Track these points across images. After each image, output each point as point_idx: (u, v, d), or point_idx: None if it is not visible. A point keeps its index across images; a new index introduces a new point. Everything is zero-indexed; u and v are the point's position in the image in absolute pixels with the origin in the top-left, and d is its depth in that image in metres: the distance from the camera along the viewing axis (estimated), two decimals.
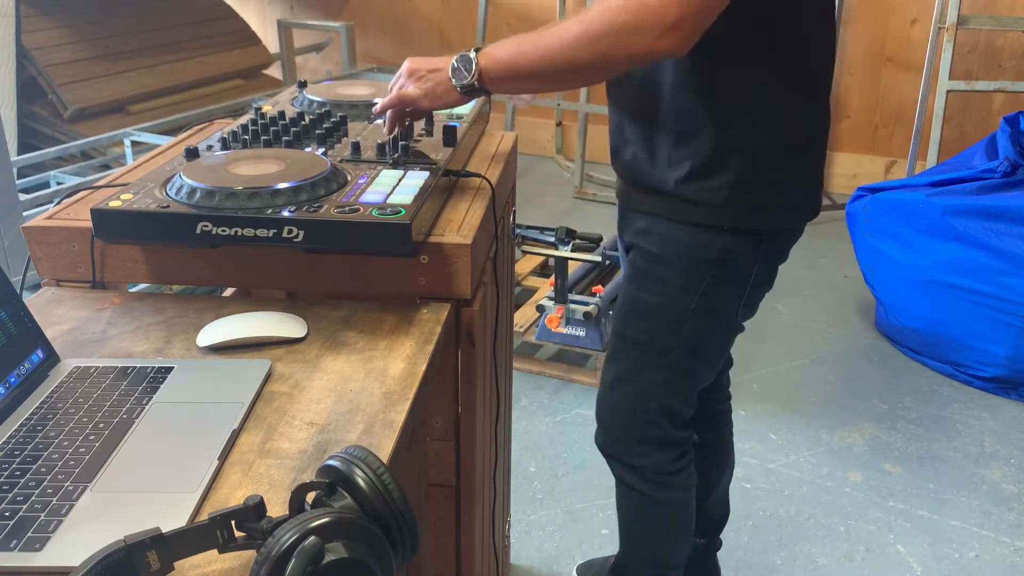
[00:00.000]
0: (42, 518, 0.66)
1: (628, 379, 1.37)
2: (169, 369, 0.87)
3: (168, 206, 0.98)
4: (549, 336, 2.53)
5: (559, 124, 4.43)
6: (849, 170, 3.96)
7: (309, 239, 0.96)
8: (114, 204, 0.98)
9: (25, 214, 2.85)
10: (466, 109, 1.36)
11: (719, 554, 1.77)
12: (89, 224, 0.99)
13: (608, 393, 1.41)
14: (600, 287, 2.61)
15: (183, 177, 1.01)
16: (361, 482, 0.62)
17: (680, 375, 1.36)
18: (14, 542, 0.64)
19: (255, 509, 0.62)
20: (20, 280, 1.09)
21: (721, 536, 1.71)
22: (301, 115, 1.27)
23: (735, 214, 1.23)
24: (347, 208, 0.97)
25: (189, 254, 1.04)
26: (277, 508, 0.68)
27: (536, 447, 2.25)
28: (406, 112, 1.17)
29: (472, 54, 1.11)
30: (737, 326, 1.37)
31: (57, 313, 1.00)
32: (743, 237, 1.25)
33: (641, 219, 1.32)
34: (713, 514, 1.66)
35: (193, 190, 0.99)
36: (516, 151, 1.43)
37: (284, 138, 1.19)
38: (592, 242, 2.61)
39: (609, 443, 1.43)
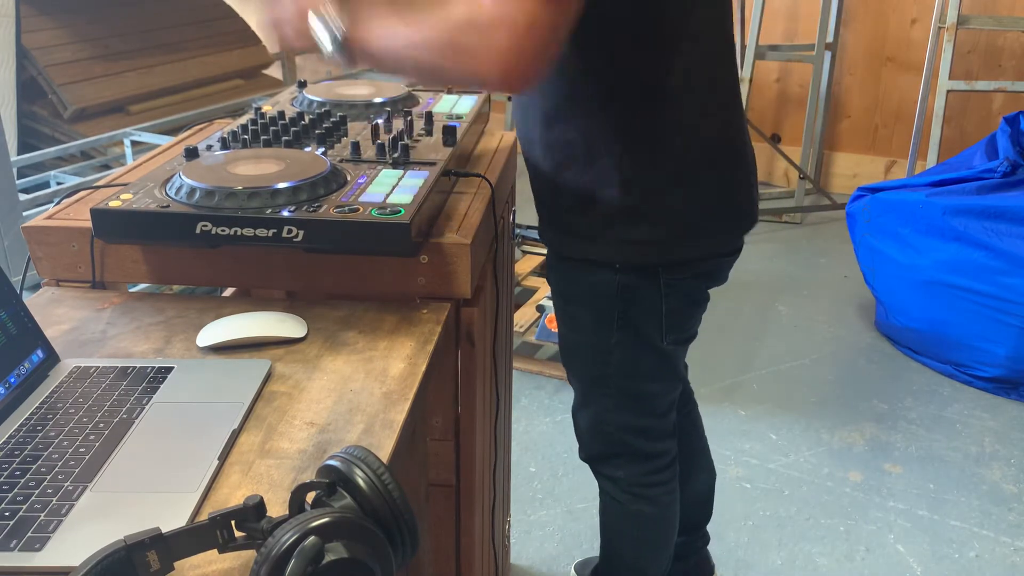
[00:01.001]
0: (42, 518, 0.66)
1: (584, 405, 1.38)
2: (169, 369, 0.87)
3: (168, 206, 0.98)
4: (549, 336, 2.53)
5: None
6: (849, 170, 3.96)
7: (309, 239, 0.96)
8: (114, 204, 0.98)
9: (25, 214, 2.85)
10: (466, 109, 1.36)
11: (718, 554, 1.77)
12: (89, 224, 0.99)
13: (574, 416, 1.42)
14: None
15: (183, 177, 1.01)
16: (361, 482, 0.62)
17: (627, 397, 1.33)
18: (14, 542, 0.64)
19: (255, 509, 0.62)
20: (20, 280, 1.09)
21: (708, 531, 1.70)
22: (301, 115, 1.27)
23: (620, 248, 1.18)
24: (347, 208, 0.97)
25: (189, 254, 1.04)
26: (277, 508, 0.68)
27: (536, 447, 2.25)
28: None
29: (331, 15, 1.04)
30: (670, 347, 1.30)
31: (57, 313, 1.00)
32: (636, 273, 1.20)
33: (552, 258, 1.30)
34: (691, 515, 1.65)
35: (193, 190, 0.99)
36: (516, 151, 1.43)
37: (284, 138, 1.19)
38: None
39: (586, 458, 1.44)
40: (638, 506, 1.42)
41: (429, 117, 1.26)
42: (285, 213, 0.96)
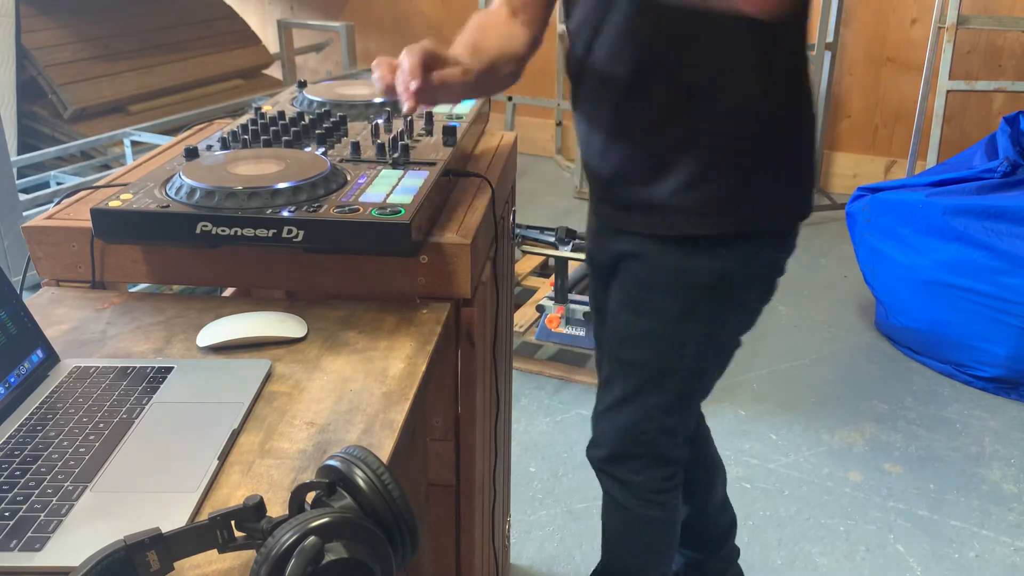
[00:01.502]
0: (42, 518, 0.66)
1: (628, 401, 1.33)
2: (169, 369, 0.87)
3: (168, 206, 0.98)
4: (549, 336, 2.53)
5: (559, 124, 4.42)
6: (849, 170, 3.96)
7: (309, 239, 0.96)
8: (114, 204, 0.98)
9: (25, 214, 2.85)
10: (466, 109, 1.36)
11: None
12: (89, 224, 0.99)
13: (606, 413, 1.37)
14: None
15: (183, 177, 1.01)
16: (361, 482, 0.62)
17: (680, 397, 1.32)
18: (14, 542, 0.64)
19: (255, 509, 0.62)
20: (20, 280, 1.09)
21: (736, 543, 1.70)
22: (301, 115, 1.27)
23: (732, 222, 1.18)
24: (347, 208, 0.97)
25: (189, 254, 1.04)
26: (277, 508, 0.68)
27: (536, 447, 2.25)
28: None
29: None
30: (737, 344, 1.33)
31: (57, 313, 1.00)
32: (738, 254, 1.20)
33: (625, 240, 1.26)
34: (720, 521, 1.64)
35: (193, 190, 0.99)
36: (516, 151, 1.43)
37: (284, 138, 1.19)
38: None
39: (602, 459, 1.39)
40: (650, 511, 1.40)
41: (429, 117, 1.26)
42: (285, 213, 0.96)
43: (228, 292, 1.33)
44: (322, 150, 1.16)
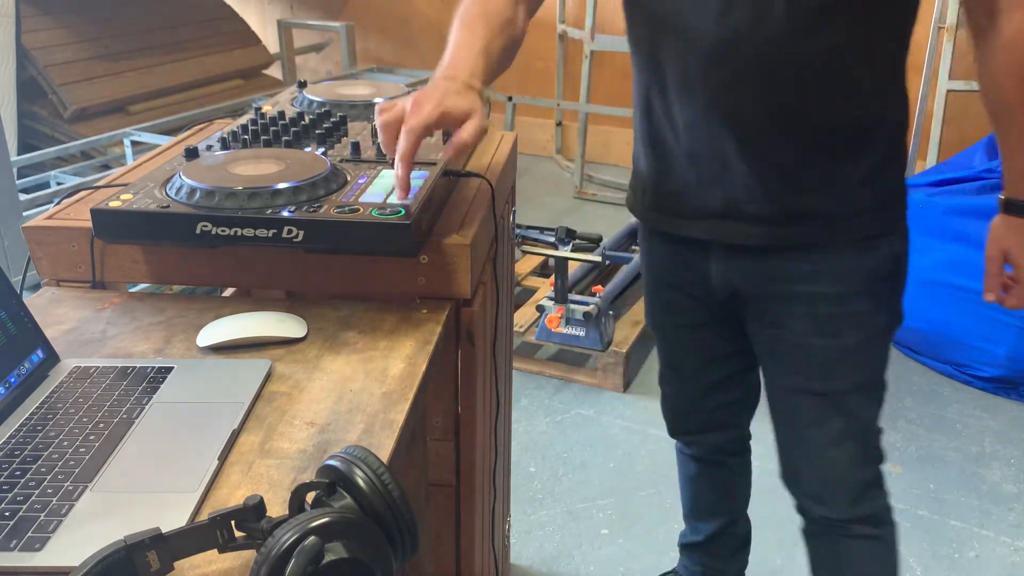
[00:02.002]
0: (42, 518, 0.66)
1: (851, 430, 1.21)
2: (169, 369, 0.87)
3: (168, 206, 0.98)
4: (549, 336, 2.53)
5: (559, 124, 4.43)
6: None
7: (309, 239, 0.96)
8: (114, 204, 0.98)
9: (25, 214, 2.85)
10: None
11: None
12: (89, 224, 0.99)
13: (823, 456, 1.23)
14: (600, 287, 2.61)
15: (183, 177, 1.01)
16: (361, 482, 0.62)
17: (883, 397, 1.23)
18: (14, 542, 0.64)
19: (255, 509, 0.62)
20: (20, 280, 1.09)
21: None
22: (301, 115, 1.27)
23: (901, 209, 1.15)
24: (347, 208, 0.97)
25: (189, 254, 1.04)
26: (277, 508, 0.68)
27: (536, 447, 2.25)
28: None
29: None
30: None
31: (57, 313, 1.00)
32: (900, 234, 1.16)
33: (796, 261, 1.13)
34: (744, 529, 1.64)
35: (193, 190, 0.99)
36: (516, 151, 1.43)
37: (284, 138, 1.19)
38: (592, 242, 2.61)
39: (840, 508, 1.26)
40: (892, 529, 1.32)
41: None
42: (285, 213, 0.96)
43: (228, 292, 1.33)
44: (322, 150, 1.16)
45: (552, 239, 2.60)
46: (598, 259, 2.55)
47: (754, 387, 1.43)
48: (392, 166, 1.11)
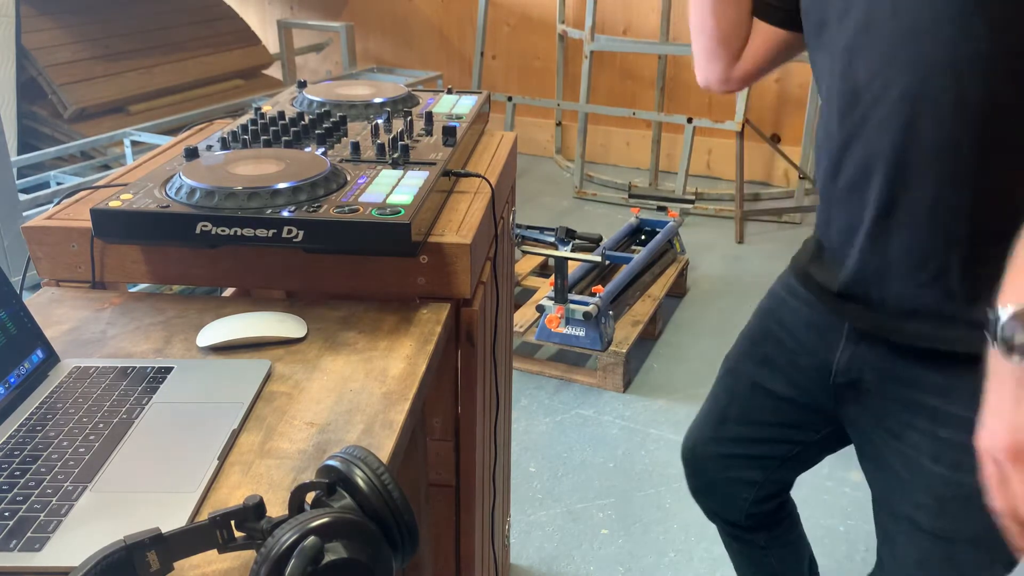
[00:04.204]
0: (42, 518, 0.66)
1: None
2: (169, 369, 0.87)
3: (168, 206, 0.98)
4: (549, 336, 2.53)
5: (559, 124, 4.43)
6: None
7: (309, 239, 0.96)
8: (114, 204, 0.98)
9: (25, 214, 2.85)
10: (466, 109, 1.36)
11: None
12: (89, 224, 0.99)
13: None
14: (600, 287, 2.61)
15: (183, 177, 1.01)
16: (361, 482, 0.62)
17: (1013, 568, 1.01)
18: (14, 542, 0.64)
19: (255, 509, 0.62)
20: (20, 280, 1.09)
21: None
22: (301, 115, 1.27)
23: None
24: (347, 208, 0.97)
25: (189, 254, 1.04)
26: (277, 508, 0.68)
27: (536, 447, 2.25)
28: None
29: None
30: None
31: (57, 313, 1.00)
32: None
33: (926, 372, 0.99)
34: None
35: (193, 190, 0.99)
36: (516, 151, 1.43)
37: (284, 138, 1.19)
38: (592, 242, 2.61)
39: None
40: None
41: (429, 117, 1.26)
42: (285, 213, 0.96)
43: (228, 292, 1.33)
44: (322, 150, 1.16)
45: (552, 239, 2.60)
46: (598, 259, 2.55)
47: (777, 482, 1.30)
48: (393, 167, 1.11)
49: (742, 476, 1.29)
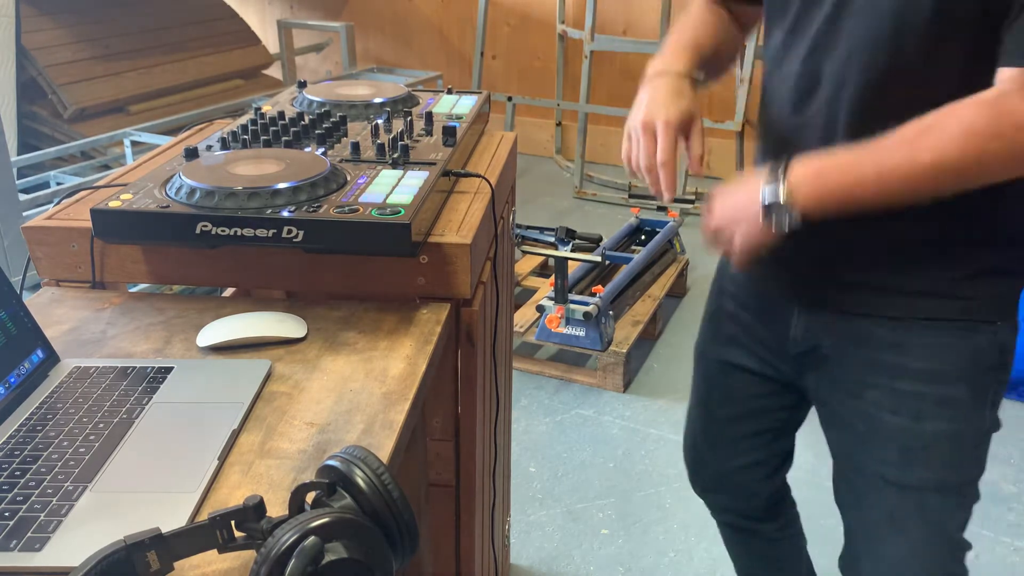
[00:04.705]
0: (42, 518, 0.66)
1: (931, 539, 1.06)
2: (169, 369, 0.87)
3: (168, 206, 0.98)
4: (549, 336, 2.53)
5: (559, 124, 4.43)
6: None
7: (309, 239, 0.96)
8: (114, 204, 0.98)
9: (25, 214, 2.85)
10: (466, 109, 1.36)
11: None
12: (89, 224, 0.99)
13: (897, 557, 1.07)
14: (600, 287, 2.61)
15: (183, 177, 1.01)
16: (361, 482, 0.62)
17: (972, 508, 1.08)
18: (14, 542, 0.64)
19: (255, 509, 0.62)
20: (20, 280, 1.09)
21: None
22: (301, 115, 1.27)
23: (999, 297, 1.01)
24: (347, 208, 0.97)
25: (189, 254, 1.04)
26: (277, 508, 0.68)
27: (536, 447, 2.25)
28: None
29: (781, 193, 0.91)
30: None
31: (57, 313, 1.00)
32: (1010, 321, 1.03)
33: (878, 329, 1.03)
34: None
35: (193, 190, 0.99)
36: (516, 151, 1.43)
37: (284, 138, 1.19)
38: (592, 242, 2.61)
39: None
40: None
41: (429, 117, 1.26)
42: (285, 213, 0.96)
43: (228, 292, 1.33)
44: (322, 150, 1.16)
45: (552, 239, 2.60)
46: (598, 259, 2.55)
47: (778, 454, 1.32)
48: (393, 167, 1.11)
49: (746, 459, 1.31)
